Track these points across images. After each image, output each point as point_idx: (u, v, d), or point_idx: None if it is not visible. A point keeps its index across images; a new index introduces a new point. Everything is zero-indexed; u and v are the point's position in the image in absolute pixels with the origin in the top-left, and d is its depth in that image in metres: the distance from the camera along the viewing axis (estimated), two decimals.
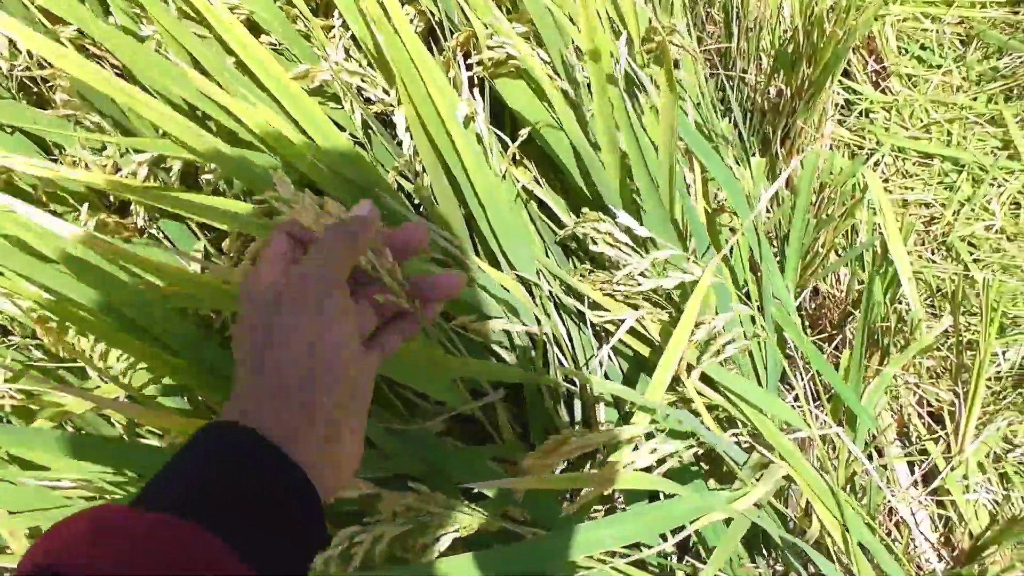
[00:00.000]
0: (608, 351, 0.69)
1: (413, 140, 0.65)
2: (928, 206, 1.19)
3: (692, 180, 0.75)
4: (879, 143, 1.23)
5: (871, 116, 1.27)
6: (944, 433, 0.96)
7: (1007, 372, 1.02)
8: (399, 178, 0.72)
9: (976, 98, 1.26)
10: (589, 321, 0.67)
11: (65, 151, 0.83)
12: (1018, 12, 1.30)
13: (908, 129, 1.25)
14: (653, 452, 0.63)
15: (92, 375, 0.73)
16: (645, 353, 0.67)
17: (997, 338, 1.04)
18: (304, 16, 0.77)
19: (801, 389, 0.75)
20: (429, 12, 0.78)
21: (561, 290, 0.68)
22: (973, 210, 1.17)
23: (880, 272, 0.97)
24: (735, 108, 1.14)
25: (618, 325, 0.67)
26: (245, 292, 0.38)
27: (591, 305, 0.67)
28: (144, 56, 0.66)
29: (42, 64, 0.81)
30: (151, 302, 0.55)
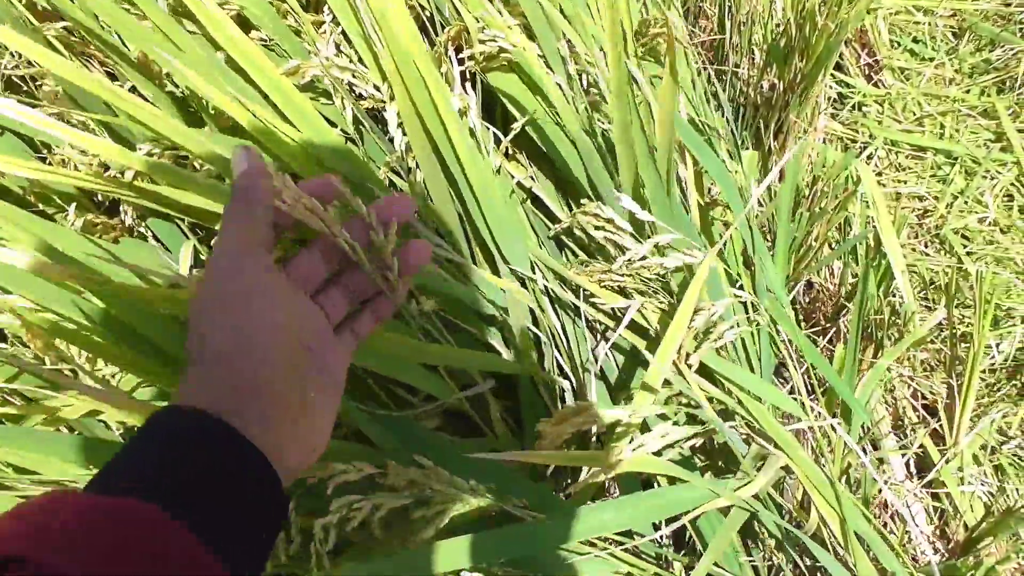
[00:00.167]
0: (604, 344, 0.69)
1: (406, 136, 0.65)
2: (921, 199, 1.19)
3: (685, 174, 0.75)
4: (872, 136, 1.23)
5: (864, 109, 1.27)
6: (939, 425, 0.96)
7: (1001, 364, 1.02)
8: (391, 174, 0.72)
9: (969, 91, 1.27)
10: (584, 315, 0.67)
11: (54, 149, 0.82)
12: (1010, 4, 1.31)
13: (901, 122, 1.25)
14: (664, 436, 0.62)
15: (83, 379, 0.72)
16: (641, 346, 0.66)
17: (991, 330, 1.04)
18: (294, 11, 0.76)
19: (796, 383, 0.75)
20: (419, 6, 0.77)
21: (556, 284, 0.68)
22: (966, 203, 1.17)
23: (874, 265, 0.97)
24: (727, 102, 1.13)
25: (613, 316, 0.67)
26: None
27: (586, 298, 0.67)
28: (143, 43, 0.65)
29: (30, 62, 0.80)
30: (133, 307, 0.54)
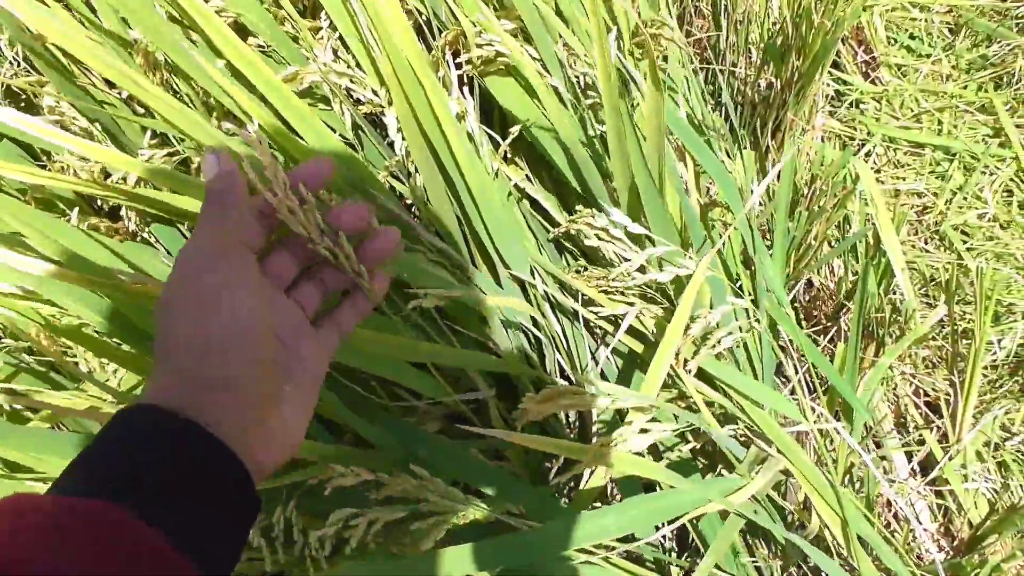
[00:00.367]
0: (604, 348, 0.69)
1: (405, 141, 0.65)
2: (920, 195, 1.19)
3: (685, 174, 0.75)
4: (870, 133, 1.23)
5: (861, 107, 1.27)
6: (941, 423, 0.96)
7: (1003, 360, 1.02)
8: (390, 179, 0.72)
9: (966, 86, 1.26)
10: (583, 318, 0.67)
11: (54, 156, 0.82)
12: (1006, 0, 1.31)
13: (899, 119, 1.25)
14: (647, 432, 0.61)
15: (84, 377, 0.73)
16: (639, 350, 0.66)
17: (992, 326, 1.04)
18: (291, 18, 0.76)
19: (796, 382, 0.75)
20: (416, 11, 0.77)
21: (556, 288, 0.68)
22: (965, 198, 1.17)
23: (873, 263, 0.97)
24: (726, 101, 1.13)
25: (613, 321, 0.67)
26: None
27: (585, 302, 0.67)
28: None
29: (29, 71, 0.81)
30: (138, 307, 0.54)
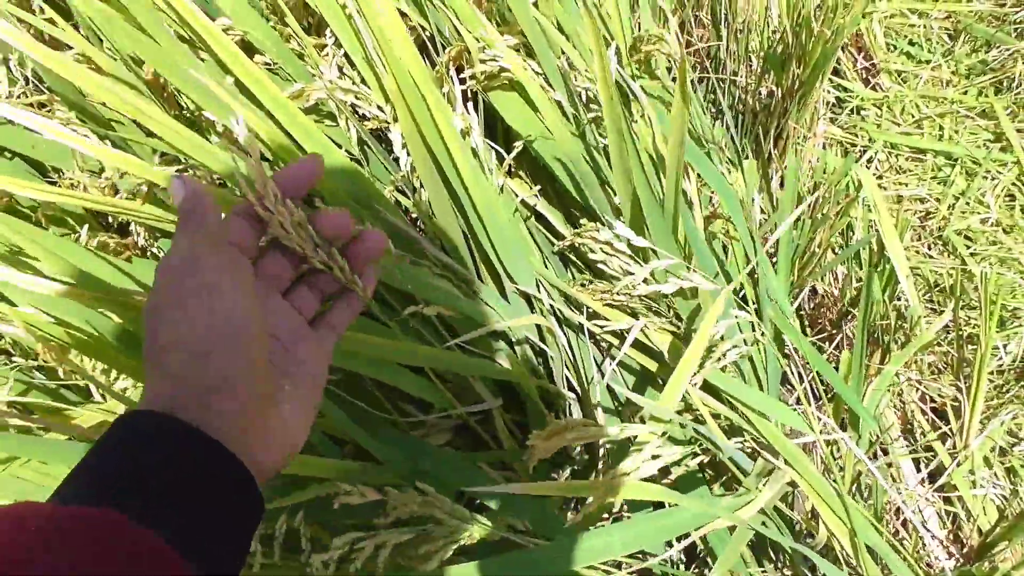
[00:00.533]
0: (610, 360, 0.69)
1: (410, 156, 0.65)
2: (923, 201, 1.19)
3: (688, 186, 0.76)
4: (871, 140, 1.24)
5: (862, 113, 1.28)
6: (948, 429, 0.96)
7: (1009, 365, 1.02)
8: (396, 193, 0.73)
9: (966, 92, 1.27)
10: (588, 331, 0.67)
11: (63, 173, 0.83)
12: (1004, 5, 1.31)
13: (900, 125, 1.26)
14: (656, 458, 0.62)
15: (95, 392, 0.73)
16: (646, 363, 0.67)
17: (997, 331, 1.04)
18: (297, 35, 0.77)
19: (802, 390, 0.75)
20: (420, 27, 0.78)
21: (561, 301, 0.68)
22: (968, 203, 1.17)
23: (877, 270, 0.97)
24: (726, 109, 1.14)
25: (619, 335, 0.67)
26: None
27: (591, 315, 0.67)
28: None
29: (39, 89, 0.81)
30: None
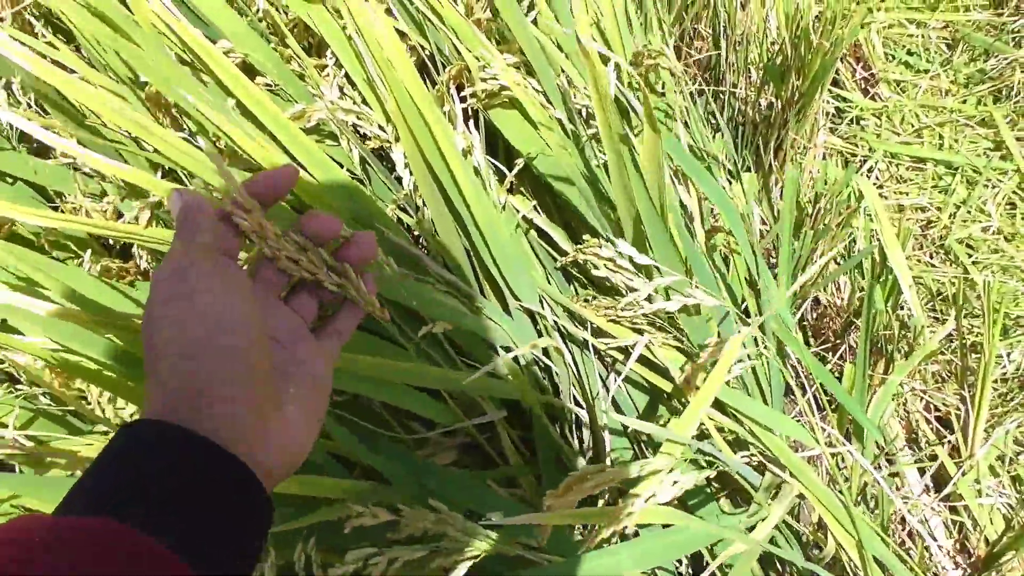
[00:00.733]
0: (615, 376, 0.69)
1: (412, 176, 0.65)
2: (924, 210, 1.19)
3: (688, 200, 0.76)
4: (871, 150, 1.24)
5: (862, 123, 1.28)
6: (953, 438, 0.95)
7: (1013, 373, 1.02)
8: (399, 212, 0.73)
9: (965, 101, 1.27)
10: (593, 347, 0.67)
11: (66, 198, 0.83)
12: (1002, 14, 1.32)
13: (900, 134, 1.26)
14: (675, 484, 0.62)
15: (101, 419, 0.73)
16: (653, 379, 0.67)
17: (1001, 340, 1.04)
18: (297, 56, 0.78)
19: (805, 402, 0.75)
20: (419, 46, 0.78)
21: (565, 317, 0.68)
22: (969, 212, 1.17)
23: (880, 280, 0.97)
24: (726, 122, 1.14)
25: (624, 350, 0.67)
26: None
27: (595, 331, 0.67)
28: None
29: (42, 112, 0.82)
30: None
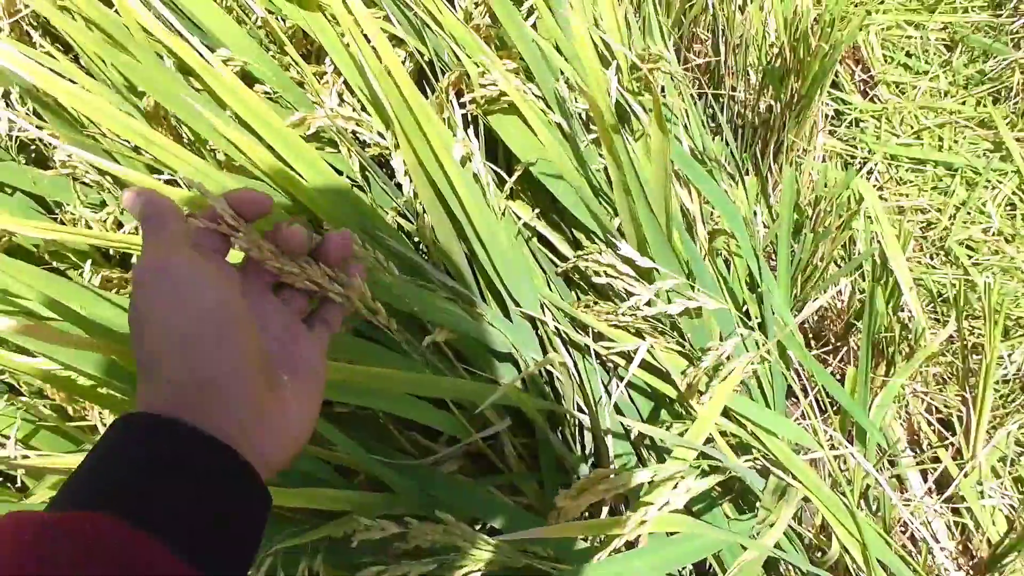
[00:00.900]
0: (617, 381, 0.69)
1: (412, 183, 0.66)
2: (924, 211, 1.19)
3: (690, 204, 0.76)
4: (871, 151, 1.24)
5: (861, 125, 1.28)
6: (955, 439, 0.95)
7: (1014, 375, 1.02)
8: (399, 218, 0.73)
9: (964, 102, 1.27)
10: (595, 352, 0.67)
11: (65, 208, 0.83)
12: (1000, 15, 1.32)
13: (899, 136, 1.26)
14: (688, 491, 0.62)
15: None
16: (655, 383, 0.67)
17: (1002, 341, 1.04)
18: (296, 63, 0.78)
19: (808, 404, 0.75)
20: (418, 52, 0.79)
21: (566, 322, 0.68)
22: (969, 213, 1.17)
23: (880, 282, 0.97)
24: (726, 124, 1.14)
25: (626, 355, 0.67)
26: None
27: (596, 336, 0.67)
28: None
29: (40, 125, 0.82)
30: None
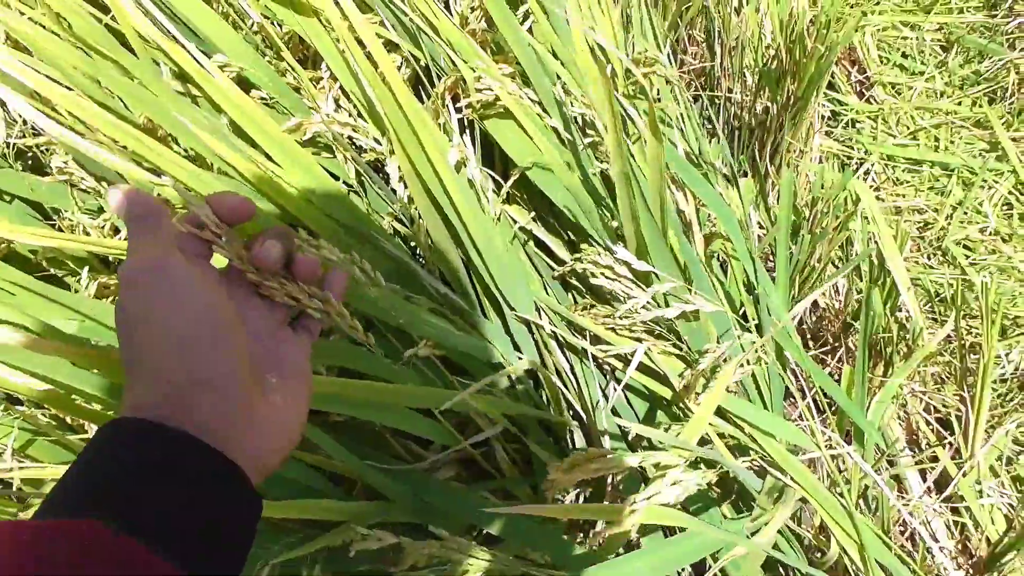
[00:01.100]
0: (614, 384, 0.69)
1: (407, 189, 0.66)
2: (921, 212, 1.20)
3: (686, 207, 0.76)
4: (868, 152, 1.24)
5: (858, 126, 1.28)
6: (953, 439, 0.95)
7: (1012, 374, 1.02)
8: (396, 223, 0.73)
9: (960, 102, 1.28)
10: (591, 356, 0.68)
11: (63, 215, 0.84)
12: (995, 16, 1.32)
13: (895, 136, 1.26)
14: (675, 483, 0.62)
15: None
16: (653, 386, 0.67)
17: (999, 340, 1.04)
18: (293, 69, 0.78)
19: (805, 404, 0.75)
20: (413, 58, 0.79)
21: (563, 326, 0.68)
22: (966, 213, 1.18)
23: (878, 282, 0.97)
24: (722, 126, 1.15)
25: (623, 359, 0.67)
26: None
27: (594, 340, 0.67)
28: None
29: (36, 132, 0.82)
30: None
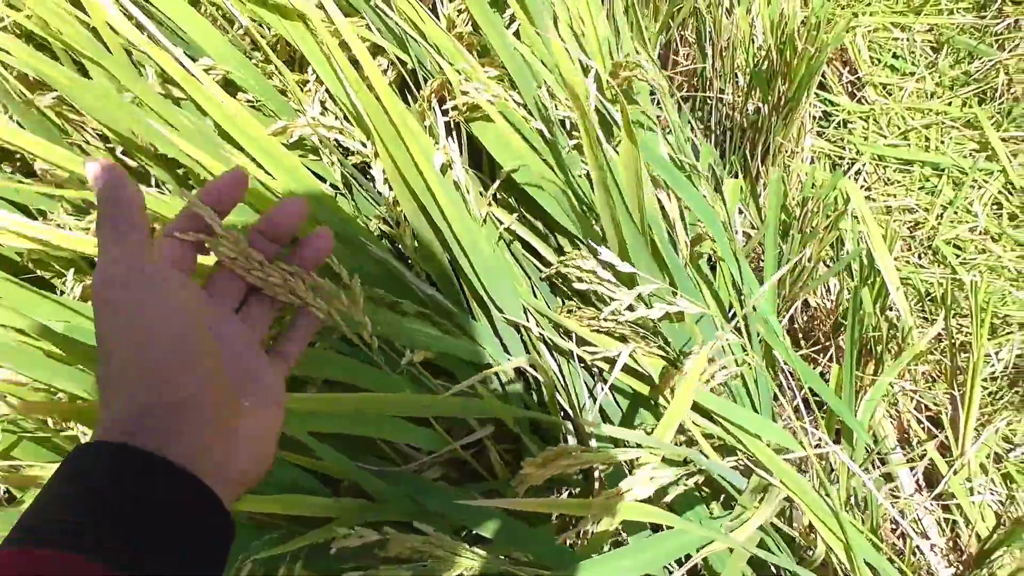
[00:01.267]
0: (601, 385, 0.69)
1: (392, 192, 0.66)
2: (911, 211, 1.20)
3: (671, 209, 0.76)
4: (859, 152, 1.24)
5: (849, 126, 1.29)
6: (944, 437, 0.96)
7: (1001, 372, 1.03)
8: (383, 225, 0.73)
9: (951, 103, 1.28)
10: (578, 357, 0.68)
11: (49, 217, 0.83)
12: (984, 17, 1.32)
13: (886, 137, 1.27)
14: (652, 480, 0.62)
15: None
16: (637, 386, 0.67)
17: (989, 339, 1.05)
18: (279, 71, 0.78)
19: (793, 403, 0.75)
20: (399, 61, 0.79)
21: (550, 328, 0.68)
22: (956, 213, 1.18)
23: (868, 282, 0.97)
24: (713, 126, 1.15)
25: (609, 360, 0.67)
26: None
27: (580, 341, 0.68)
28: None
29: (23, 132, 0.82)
30: None
